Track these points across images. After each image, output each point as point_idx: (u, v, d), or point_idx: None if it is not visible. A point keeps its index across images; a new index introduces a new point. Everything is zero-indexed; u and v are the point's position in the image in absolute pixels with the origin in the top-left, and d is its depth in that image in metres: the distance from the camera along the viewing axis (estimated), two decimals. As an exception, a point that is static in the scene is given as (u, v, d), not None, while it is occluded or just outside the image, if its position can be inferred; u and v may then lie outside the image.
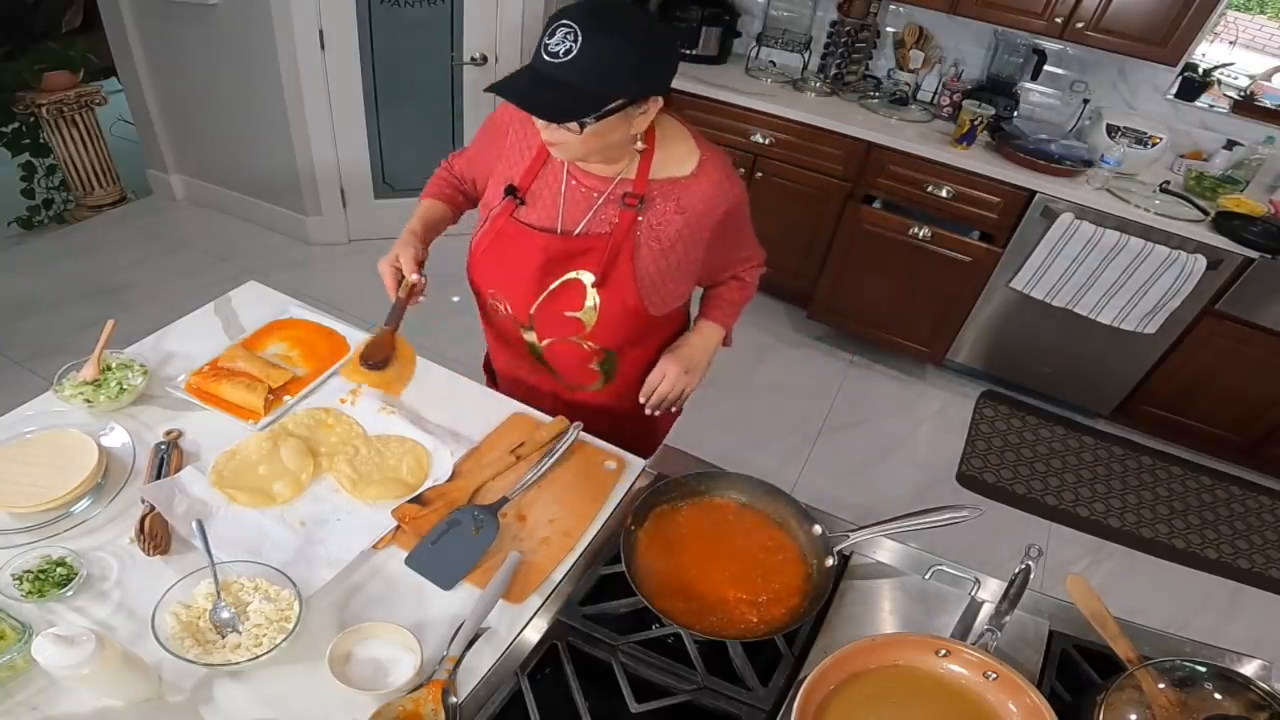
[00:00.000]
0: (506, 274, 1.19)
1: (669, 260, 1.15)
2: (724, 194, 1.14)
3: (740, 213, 1.20)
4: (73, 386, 1.14)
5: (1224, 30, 2.97)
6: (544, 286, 1.17)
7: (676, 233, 1.13)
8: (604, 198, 1.12)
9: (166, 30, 2.91)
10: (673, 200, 1.12)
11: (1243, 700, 0.83)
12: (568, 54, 0.90)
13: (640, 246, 1.13)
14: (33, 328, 2.62)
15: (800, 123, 2.73)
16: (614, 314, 1.17)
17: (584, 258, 1.13)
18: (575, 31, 0.89)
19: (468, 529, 1.03)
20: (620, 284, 1.15)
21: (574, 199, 1.13)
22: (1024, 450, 2.76)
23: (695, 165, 1.12)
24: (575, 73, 0.91)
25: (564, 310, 1.18)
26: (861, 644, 0.85)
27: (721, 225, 1.16)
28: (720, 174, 1.13)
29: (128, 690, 0.79)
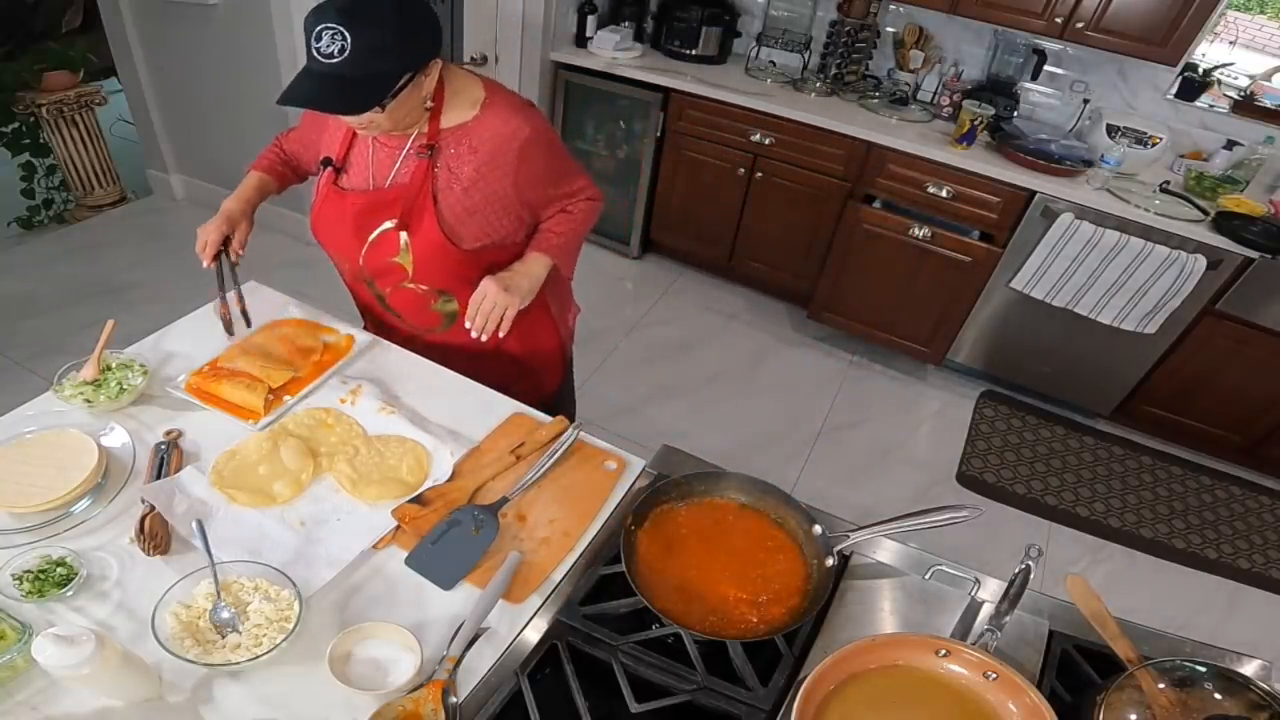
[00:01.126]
0: (334, 234, 1.32)
1: (472, 198, 1.23)
2: (512, 129, 1.21)
3: (540, 146, 1.25)
4: (73, 386, 1.14)
5: (1224, 30, 2.97)
6: (363, 240, 1.29)
7: (475, 170, 1.22)
8: (404, 154, 1.23)
9: (166, 30, 2.91)
10: (464, 144, 1.21)
11: (1243, 700, 0.83)
12: (342, 52, 1.00)
13: (441, 190, 1.23)
14: (33, 328, 2.62)
15: (800, 123, 2.73)
16: (426, 252, 1.26)
17: (390, 208, 1.24)
18: (340, 31, 0.99)
19: (468, 529, 1.03)
20: (424, 225, 1.24)
21: (380, 160, 1.25)
22: (1024, 450, 2.76)
23: (480, 106, 1.22)
24: (355, 66, 1.00)
25: (385, 257, 1.29)
26: (861, 644, 0.85)
27: (520, 159, 1.23)
28: (506, 111, 1.22)
29: (128, 690, 0.79)
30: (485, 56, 2.94)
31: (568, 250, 1.39)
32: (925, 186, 2.63)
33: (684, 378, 2.82)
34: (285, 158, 1.46)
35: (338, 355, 1.31)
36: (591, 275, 3.26)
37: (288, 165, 1.46)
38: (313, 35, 1.01)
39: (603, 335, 2.94)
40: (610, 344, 2.92)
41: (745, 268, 3.25)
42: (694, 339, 3.05)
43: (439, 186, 1.23)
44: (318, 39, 1.00)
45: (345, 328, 1.38)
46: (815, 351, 3.10)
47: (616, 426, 2.49)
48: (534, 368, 1.53)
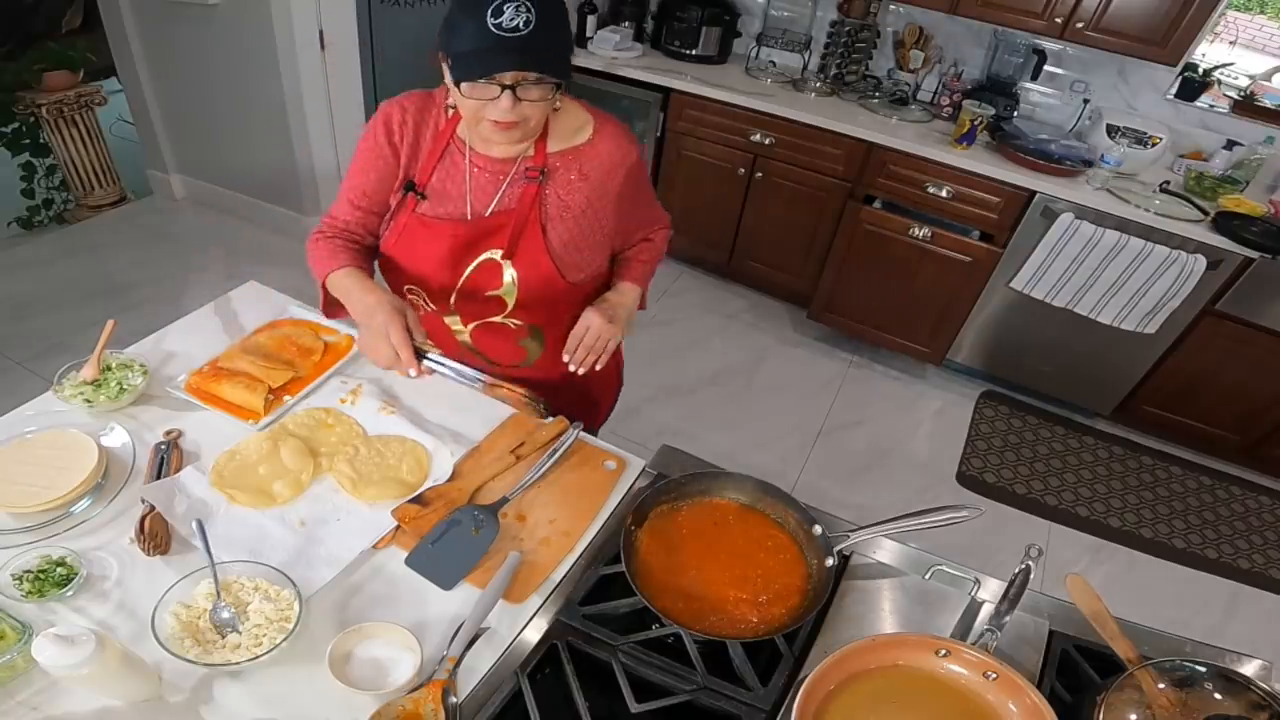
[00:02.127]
0: (418, 267, 1.20)
1: (580, 226, 1.18)
2: (624, 154, 1.18)
3: (640, 173, 1.24)
4: (73, 386, 1.14)
5: (1224, 30, 2.97)
6: (459, 272, 1.18)
7: (585, 199, 1.16)
8: (509, 178, 1.15)
9: (166, 30, 2.91)
10: (575, 168, 1.15)
11: (1243, 700, 0.83)
12: (527, 25, 0.94)
13: (550, 218, 1.16)
14: (33, 328, 2.62)
15: (800, 123, 2.73)
16: (532, 286, 1.19)
17: (494, 236, 1.15)
18: (525, 4, 0.93)
19: (468, 529, 1.03)
20: (533, 255, 1.16)
21: (480, 184, 1.16)
22: (1024, 450, 2.76)
23: (591, 131, 1.16)
24: (542, 37, 0.95)
25: (484, 290, 1.20)
26: (861, 644, 0.85)
27: (624, 186, 1.19)
28: (617, 136, 1.18)
29: (128, 690, 0.79)
30: (485, 56, 2.94)
31: (652, 274, 1.37)
32: (925, 186, 2.63)
33: (684, 378, 2.82)
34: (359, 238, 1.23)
35: (338, 355, 1.31)
36: (591, 275, 3.27)
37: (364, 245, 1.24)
38: (489, 10, 0.93)
39: (603, 335, 2.93)
40: (610, 344, 2.92)
41: (745, 268, 3.25)
42: (694, 339, 3.05)
43: (547, 214, 1.15)
44: (497, 13, 0.93)
45: (345, 328, 1.37)
46: (815, 351, 3.11)
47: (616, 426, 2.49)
48: (596, 398, 1.50)
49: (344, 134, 2.96)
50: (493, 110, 1.00)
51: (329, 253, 1.18)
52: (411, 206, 1.17)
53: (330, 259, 1.17)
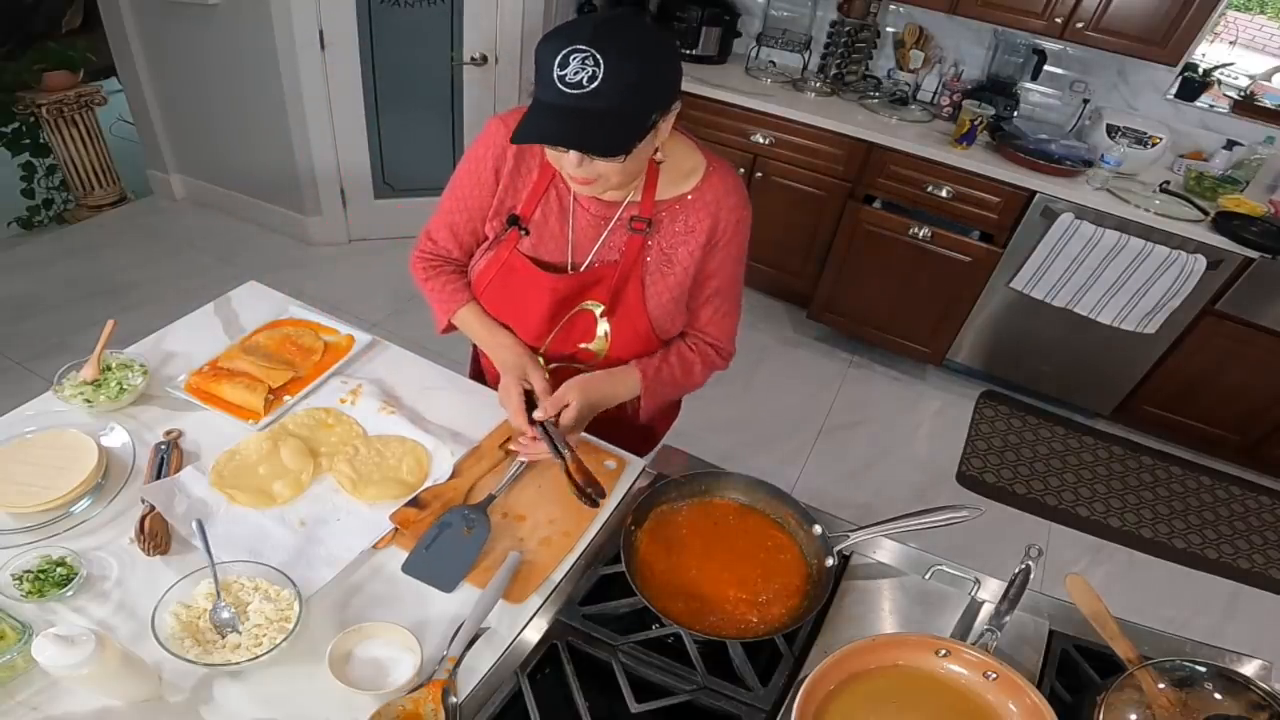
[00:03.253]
0: (515, 310, 1.16)
1: (681, 282, 1.10)
2: (733, 204, 1.07)
3: (742, 236, 1.11)
4: (73, 386, 1.14)
5: (1224, 30, 2.97)
6: (555, 324, 1.14)
7: (689, 254, 1.08)
8: (612, 224, 1.07)
9: (166, 30, 2.91)
10: (680, 220, 1.07)
11: (1243, 700, 0.83)
12: (591, 80, 0.84)
13: (651, 272, 1.09)
14: (33, 328, 2.62)
15: (800, 123, 2.73)
16: (626, 342, 1.14)
17: (595, 289, 1.10)
18: (593, 56, 0.83)
19: (459, 530, 1.03)
20: (631, 312, 1.11)
21: (582, 227, 1.08)
22: (1024, 450, 2.76)
23: (700, 178, 1.06)
24: (607, 100, 0.85)
25: (577, 343, 1.16)
26: (861, 644, 0.85)
27: (725, 241, 1.08)
28: (729, 185, 1.07)
29: (128, 690, 0.79)
30: (485, 57, 2.94)
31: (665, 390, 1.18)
32: (925, 186, 2.63)
33: (684, 378, 2.82)
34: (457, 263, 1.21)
35: (338, 355, 1.31)
36: (591, 275, 3.26)
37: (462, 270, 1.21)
38: (556, 60, 0.84)
39: (603, 335, 2.93)
40: (610, 344, 2.92)
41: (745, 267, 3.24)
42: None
43: (649, 269, 1.08)
44: (563, 64, 0.84)
45: (345, 328, 1.37)
46: (815, 351, 3.10)
47: (616, 426, 2.49)
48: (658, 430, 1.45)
49: (344, 134, 2.96)
50: (564, 164, 0.94)
51: (448, 289, 1.18)
52: (514, 242, 1.10)
53: (452, 297, 1.18)
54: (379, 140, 3.04)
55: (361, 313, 2.67)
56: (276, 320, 1.36)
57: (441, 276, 1.19)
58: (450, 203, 1.15)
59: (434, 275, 1.20)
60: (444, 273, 1.19)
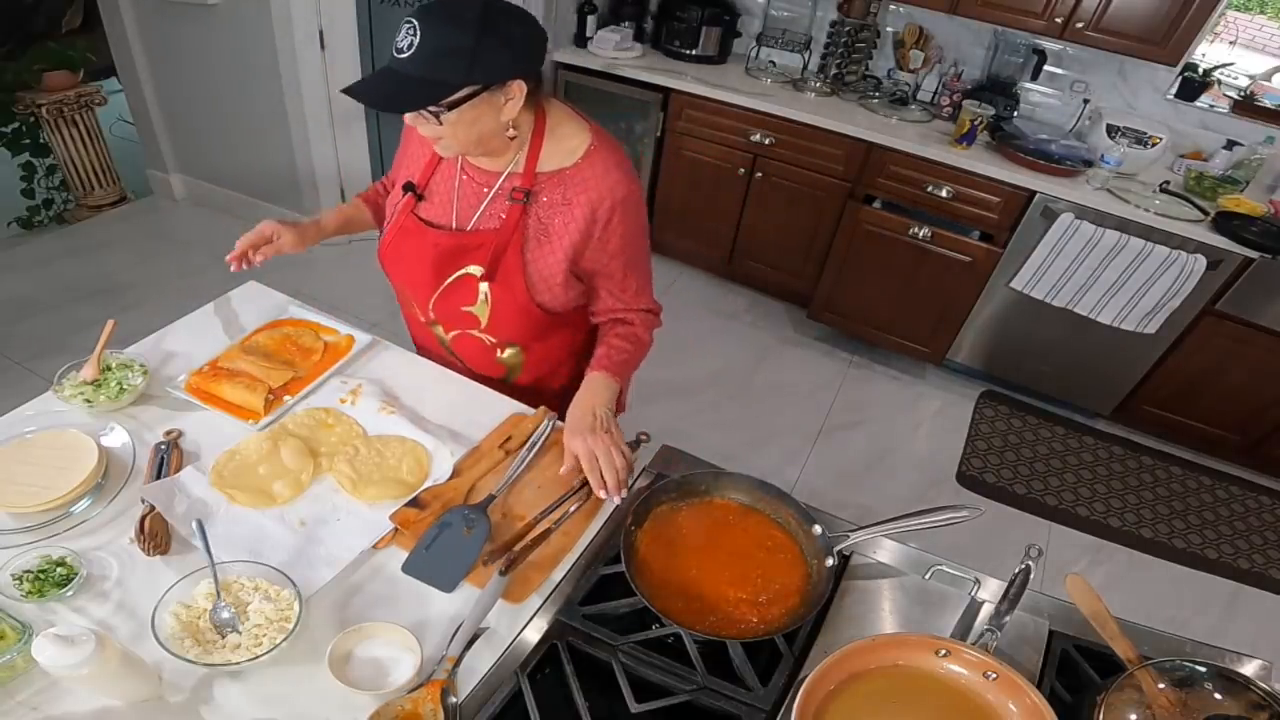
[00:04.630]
0: (408, 270, 1.23)
1: (559, 255, 1.14)
2: (612, 183, 1.10)
3: (628, 217, 1.13)
4: (73, 386, 1.14)
5: (1224, 30, 2.97)
6: (440, 282, 1.20)
7: (564, 226, 1.12)
8: (493, 192, 1.13)
9: (166, 30, 2.91)
10: (559, 192, 1.11)
11: (1243, 700, 0.83)
12: (410, 48, 0.93)
13: (530, 240, 1.14)
14: (33, 328, 2.62)
15: (800, 123, 2.73)
16: (506, 309, 1.19)
17: (475, 253, 1.15)
18: (415, 26, 0.93)
19: (459, 530, 1.03)
20: (509, 279, 1.15)
21: (466, 193, 1.16)
22: (1024, 450, 2.76)
23: (583, 153, 1.11)
24: (417, 65, 0.94)
25: (460, 305, 1.22)
26: (861, 644, 0.85)
27: (606, 223, 1.12)
28: (608, 163, 1.11)
29: (128, 690, 0.79)
30: (485, 56, 2.93)
31: (630, 368, 1.25)
32: (925, 186, 2.63)
33: (684, 378, 2.82)
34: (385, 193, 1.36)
35: (338, 355, 1.31)
36: (591, 275, 3.26)
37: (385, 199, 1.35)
38: (400, 30, 0.96)
39: (603, 335, 2.93)
40: (610, 344, 2.92)
41: (745, 268, 3.25)
42: (694, 339, 3.04)
43: (529, 237, 1.13)
44: (398, 32, 0.95)
45: (345, 328, 1.38)
46: (815, 351, 3.10)
47: (616, 426, 2.49)
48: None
49: (344, 134, 2.96)
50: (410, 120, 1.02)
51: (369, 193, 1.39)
52: (410, 206, 1.18)
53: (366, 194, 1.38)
54: (379, 140, 3.04)
55: (361, 313, 2.67)
56: (276, 320, 1.37)
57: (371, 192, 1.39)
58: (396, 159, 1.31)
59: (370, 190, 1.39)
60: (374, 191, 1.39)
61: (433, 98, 0.96)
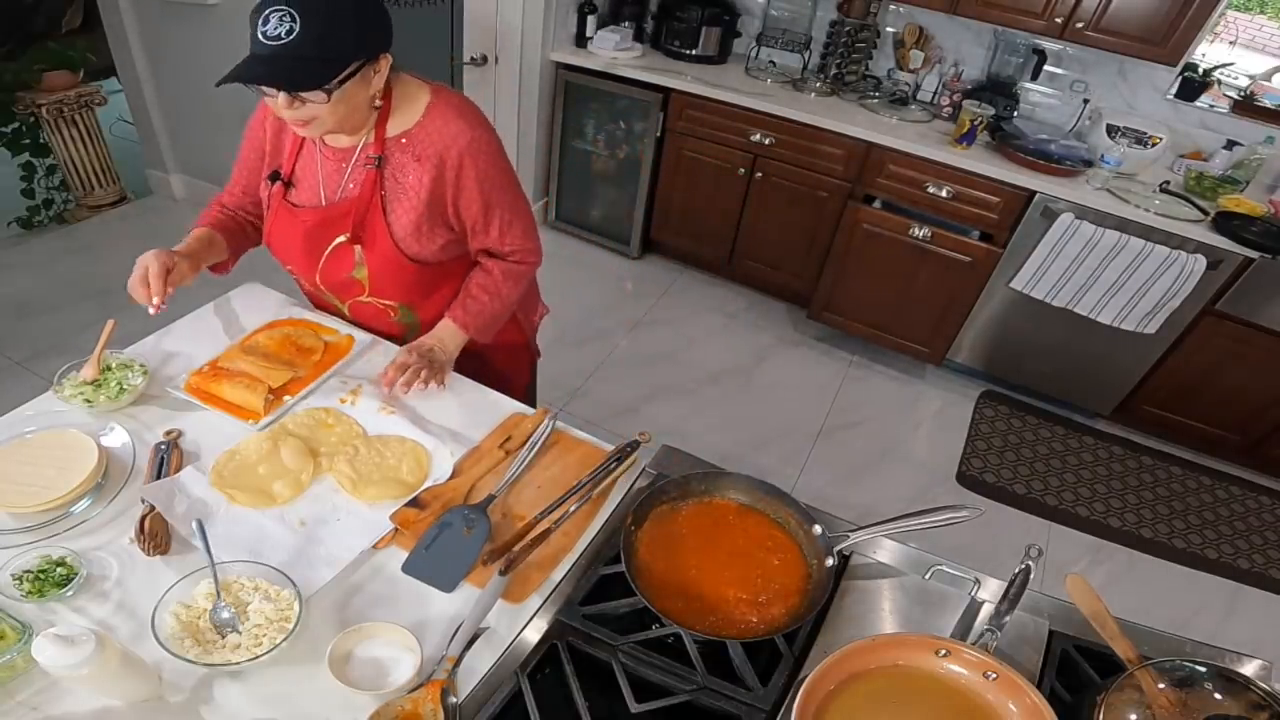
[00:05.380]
0: (288, 251, 1.30)
1: (420, 212, 1.20)
2: (453, 133, 1.16)
3: (479, 156, 1.19)
4: (73, 386, 1.14)
5: (1224, 30, 2.97)
6: (317, 256, 1.27)
7: (419, 180, 1.18)
8: (352, 165, 1.20)
9: (166, 30, 2.91)
10: (408, 151, 1.18)
11: (1243, 700, 0.83)
12: (290, 34, 0.97)
13: (390, 201, 1.20)
14: (33, 328, 2.62)
15: (800, 123, 2.73)
16: (381, 268, 1.25)
17: (341, 222, 1.22)
18: (289, 13, 0.97)
19: (459, 530, 1.03)
20: (377, 238, 1.22)
21: (329, 173, 1.22)
22: (1024, 450, 2.76)
23: (423, 112, 1.17)
24: (305, 48, 0.98)
25: (342, 273, 1.28)
26: (861, 644, 0.85)
27: (459, 168, 1.18)
28: (447, 115, 1.17)
29: (128, 690, 0.79)
30: (485, 57, 2.94)
31: (486, 320, 1.32)
32: (925, 186, 2.63)
33: (684, 378, 2.82)
34: (230, 211, 1.37)
35: (338, 355, 1.31)
36: (592, 275, 3.27)
37: (235, 217, 1.37)
38: (260, 20, 0.99)
39: (603, 335, 2.94)
40: (610, 344, 2.92)
41: (745, 268, 3.25)
42: (694, 339, 3.05)
43: (388, 198, 1.20)
44: (264, 22, 0.98)
45: (345, 328, 1.38)
46: (815, 351, 3.10)
47: (616, 426, 2.49)
48: (501, 369, 1.51)
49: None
50: (279, 109, 1.06)
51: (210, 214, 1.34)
52: (281, 194, 1.25)
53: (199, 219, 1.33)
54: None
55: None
56: (276, 320, 1.37)
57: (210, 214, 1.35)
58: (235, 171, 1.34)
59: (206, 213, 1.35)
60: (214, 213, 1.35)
61: (332, 74, 1.02)
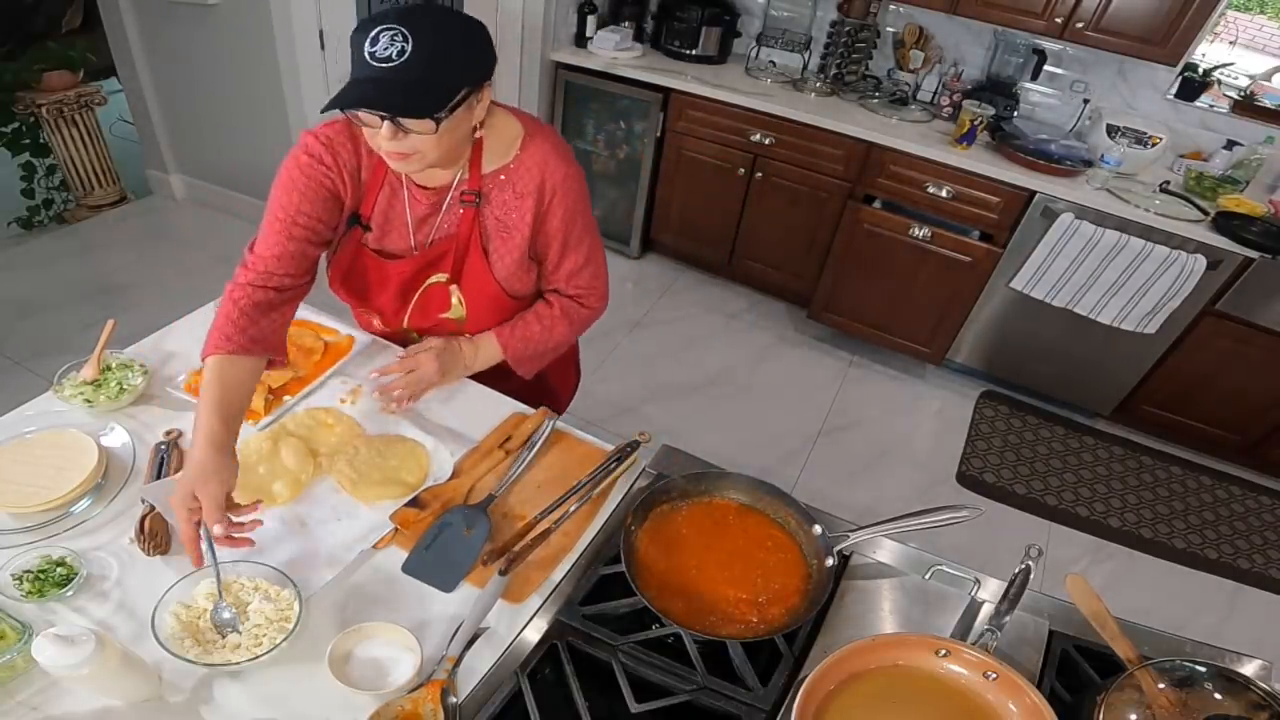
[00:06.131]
0: (371, 296, 1.24)
1: (521, 246, 1.17)
2: (550, 168, 1.12)
3: (566, 198, 1.15)
4: (73, 386, 1.14)
5: (1224, 30, 2.97)
6: (408, 302, 1.23)
7: (519, 217, 1.15)
8: (447, 203, 1.14)
9: (166, 30, 2.91)
10: (508, 188, 1.13)
11: (1243, 700, 0.83)
12: (402, 55, 0.90)
13: (490, 239, 1.16)
14: (33, 328, 2.62)
15: (800, 123, 2.73)
16: (481, 306, 1.22)
17: (439, 263, 1.17)
18: (401, 32, 0.90)
19: (459, 529, 1.03)
20: (478, 278, 1.18)
21: (419, 215, 1.15)
22: (1024, 450, 2.76)
23: (519, 146, 1.12)
24: (416, 70, 0.90)
25: (435, 314, 1.24)
26: (861, 644, 0.85)
27: (548, 205, 1.15)
28: (544, 149, 1.13)
29: (128, 690, 0.79)
30: (485, 56, 2.93)
31: (530, 350, 1.26)
32: (925, 186, 2.63)
33: (684, 378, 2.82)
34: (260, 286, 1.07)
35: (338, 355, 1.31)
36: (591, 275, 3.26)
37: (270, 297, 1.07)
38: (367, 39, 0.91)
39: (603, 335, 2.94)
40: (610, 344, 2.92)
41: (745, 268, 3.25)
42: (694, 339, 3.05)
43: (488, 237, 1.15)
44: (373, 42, 0.90)
45: (345, 328, 1.37)
46: (815, 351, 3.10)
47: (616, 426, 2.49)
48: (554, 385, 1.49)
49: (344, 134, 2.96)
50: (380, 140, 0.97)
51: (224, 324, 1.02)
52: (358, 238, 1.17)
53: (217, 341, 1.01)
54: (379, 140, 3.04)
55: (361, 313, 2.67)
56: (276, 320, 1.36)
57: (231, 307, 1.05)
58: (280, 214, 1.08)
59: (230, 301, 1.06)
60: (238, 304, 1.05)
61: (445, 100, 0.94)
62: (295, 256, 1.09)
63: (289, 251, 1.08)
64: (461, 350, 1.25)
